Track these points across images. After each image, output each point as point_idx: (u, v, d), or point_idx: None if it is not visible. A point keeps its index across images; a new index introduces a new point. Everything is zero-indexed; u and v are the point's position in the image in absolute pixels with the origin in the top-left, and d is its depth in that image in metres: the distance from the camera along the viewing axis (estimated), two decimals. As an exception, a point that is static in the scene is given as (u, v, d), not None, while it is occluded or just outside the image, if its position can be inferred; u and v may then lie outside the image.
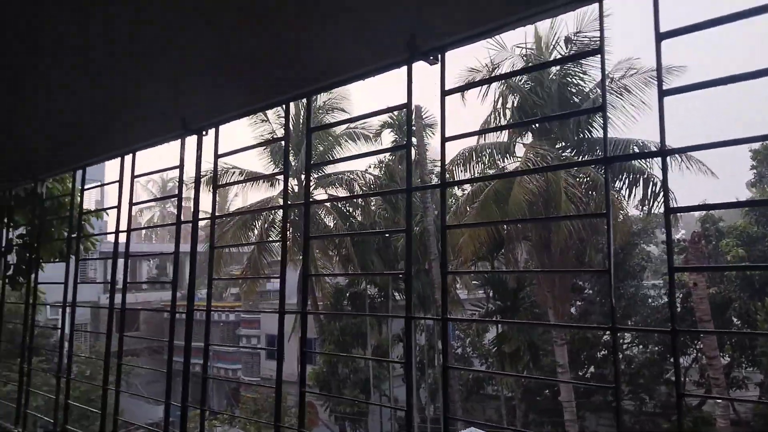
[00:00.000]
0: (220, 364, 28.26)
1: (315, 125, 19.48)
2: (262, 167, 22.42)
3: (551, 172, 16.01)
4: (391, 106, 2.20)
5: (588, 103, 16.70)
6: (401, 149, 2.06)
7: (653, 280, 23.78)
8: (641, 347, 21.38)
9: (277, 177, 19.46)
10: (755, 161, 21.38)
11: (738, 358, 19.69)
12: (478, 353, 22.86)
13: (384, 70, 2.20)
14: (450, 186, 2.28)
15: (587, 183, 16.58)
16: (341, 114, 21.30)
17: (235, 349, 27.10)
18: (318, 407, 22.72)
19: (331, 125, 12.02)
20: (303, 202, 2.39)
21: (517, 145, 18.27)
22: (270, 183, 20.61)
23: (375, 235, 20.92)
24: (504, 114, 17.13)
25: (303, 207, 2.37)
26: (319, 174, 21.48)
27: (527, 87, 17.07)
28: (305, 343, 2.31)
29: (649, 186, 16.03)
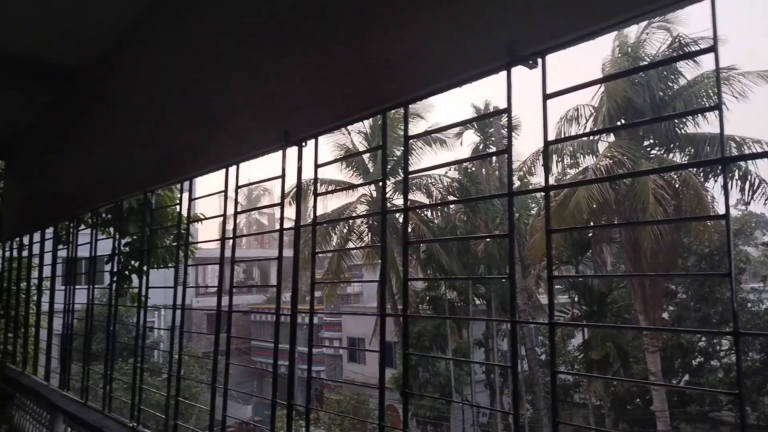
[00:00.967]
0: (304, 365, 28.97)
1: (393, 133, 19.70)
2: (342, 176, 22.95)
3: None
4: (490, 111, 2.22)
5: (679, 101, 15.91)
6: (501, 154, 2.07)
7: (752, 283, 22.24)
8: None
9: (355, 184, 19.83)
10: None
11: None
12: (563, 360, 22.23)
13: (481, 76, 2.22)
14: (554, 189, 2.27)
15: (675, 181, 15.75)
16: (419, 120, 21.39)
17: (319, 351, 27.72)
18: (399, 411, 22.83)
19: (430, 132, 12.07)
20: (402, 208, 2.46)
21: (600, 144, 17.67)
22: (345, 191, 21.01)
23: (474, 240, 20.72)
24: (601, 115, 16.54)
25: (402, 213, 2.44)
26: (396, 179, 21.67)
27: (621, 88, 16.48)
28: (407, 345, 2.36)
29: (746, 182, 15.07)
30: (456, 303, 23.98)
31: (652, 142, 16.96)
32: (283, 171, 3.05)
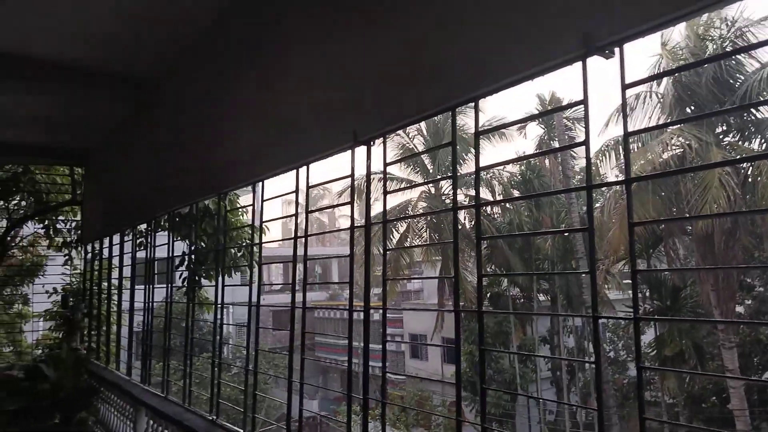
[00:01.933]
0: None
1: (447, 127, 19.45)
2: (402, 174, 23.03)
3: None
4: (567, 103, 2.18)
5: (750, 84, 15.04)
6: (579, 146, 2.04)
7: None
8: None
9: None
10: None
11: None
12: (633, 356, 21.49)
13: (555, 68, 2.19)
14: (635, 182, 2.21)
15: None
16: (471, 113, 21.18)
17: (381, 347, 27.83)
18: (464, 407, 22.71)
19: (501, 127, 11.93)
20: (474, 204, 2.45)
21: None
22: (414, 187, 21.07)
23: (550, 235, 20.34)
24: (667, 102, 15.90)
25: (474, 210, 2.43)
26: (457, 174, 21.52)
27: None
28: (482, 341, 2.36)
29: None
30: (518, 300, 23.62)
31: (724, 129, 16.14)
32: (353, 170, 3.10)
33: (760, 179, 14.65)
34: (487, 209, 21.60)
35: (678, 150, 14.98)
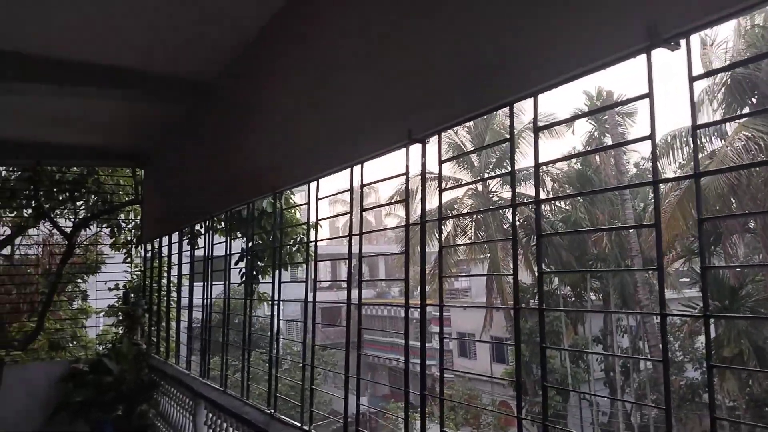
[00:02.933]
0: (414, 359, 29.31)
1: (494, 125, 19.28)
2: (450, 172, 22.95)
3: None
4: (631, 97, 2.13)
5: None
6: (644, 140, 2.00)
7: None
8: None
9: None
10: None
11: None
12: (690, 357, 20.78)
13: (616, 62, 2.14)
14: (705, 176, 2.15)
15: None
16: (518, 111, 20.91)
17: (429, 345, 27.86)
18: (512, 406, 22.45)
19: (559, 122, 11.72)
20: (534, 200, 2.43)
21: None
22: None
23: (614, 231, 19.86)
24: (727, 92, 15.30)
25: (534, 206, 2.41)
26: (503, 171, 21.29)
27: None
28: (543, 338, 2.34)
29: None
30: (569, 298, 23.18)
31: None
32: (407, 168, 3.12)
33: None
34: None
35: (740, 143, 14.35)
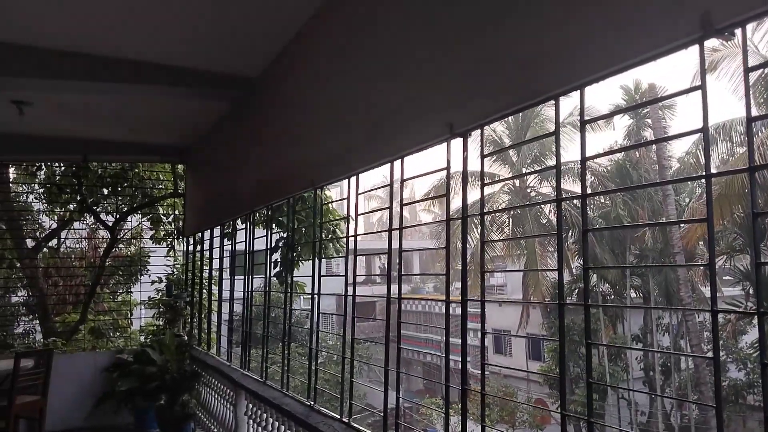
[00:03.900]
0: (453, 356, 29.29)
1: (530, 120, 19.00)
2: (487, 167, 22.78)
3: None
4: (683, 89, 2.08)
5: None
6: (696, 133, 1.95)
7: None
8: None
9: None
10: None
11: None
12: (734, 357, 20.18)
13: (666, 53, 2.08)
14: (759, 170, 2.09)
15: None
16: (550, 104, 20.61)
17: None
18: (550, 405, 22.22)
19: (607, 116, 11.51)
20: (580, 194, 2.40)
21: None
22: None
23: (669, 225, 19.47)
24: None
25: (581, 200, 2.38)
26: (542, 167, 21.02)
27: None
28: (588, 335, 2.31)
29: None
30: (608, 296, 22.77)
31: None
32: (448, 163, 3.11)
33: None
34: (575, 202, 20.93)
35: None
